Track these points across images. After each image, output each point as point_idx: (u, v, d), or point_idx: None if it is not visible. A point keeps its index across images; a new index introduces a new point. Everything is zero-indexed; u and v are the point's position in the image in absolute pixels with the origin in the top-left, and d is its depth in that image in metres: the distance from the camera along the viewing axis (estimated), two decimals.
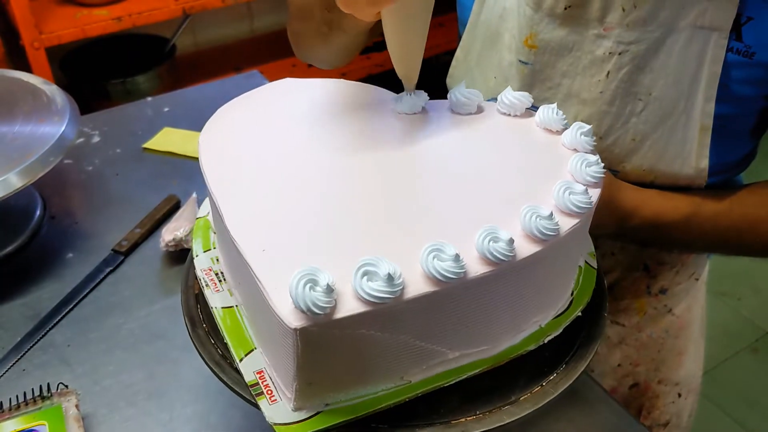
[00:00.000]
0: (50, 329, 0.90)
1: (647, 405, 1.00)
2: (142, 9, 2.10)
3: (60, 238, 1.05)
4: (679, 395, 1.02)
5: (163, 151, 1.23)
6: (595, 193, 0.63)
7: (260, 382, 0.62)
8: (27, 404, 0.75)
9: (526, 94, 0.72)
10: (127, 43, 2.37)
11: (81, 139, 1.24)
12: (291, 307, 0.53)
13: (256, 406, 0.60)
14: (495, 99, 0.85)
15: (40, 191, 1.11)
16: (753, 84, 0.75)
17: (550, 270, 0.63)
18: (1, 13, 2.09)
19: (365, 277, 0.54)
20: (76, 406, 0.75)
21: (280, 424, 0.58)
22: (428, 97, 0.75)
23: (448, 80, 0.95)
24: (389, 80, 0.80)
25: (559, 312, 0.67)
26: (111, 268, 0.99)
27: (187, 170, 1.18)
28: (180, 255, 0.99)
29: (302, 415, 0.59)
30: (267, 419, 0.58)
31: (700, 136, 0.77)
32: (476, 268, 0.56)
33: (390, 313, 0.55)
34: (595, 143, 0.68)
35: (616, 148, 0.80)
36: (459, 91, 0.74)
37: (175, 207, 1.09)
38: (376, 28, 0.81)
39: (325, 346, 0.56)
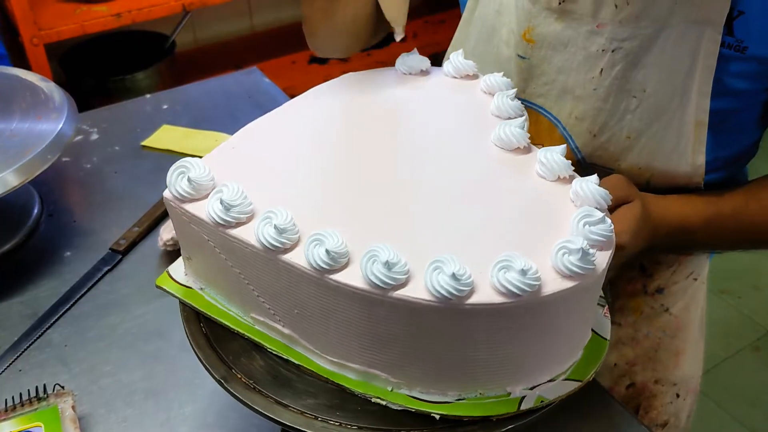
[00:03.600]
0: (48, 328, 0.90)
1: (644, 405, 0.99)
2: (142, 5, 2.10)
3: (58, 236, 1.04)
4: (678, 395, 1.01)
5: (161, 149, 1.22)
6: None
7: None
8: (23, 405, 0.75)
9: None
10: (127, 39, 2.36)
11: (80, 137, 1.24)
12: None
13: (243, 403, 0.62)
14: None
15: (38, 189, 1.11)
16: (748, 78, 0.75)
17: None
18: (0, 9, 2.08)
19: (216, 197, 0.60)
20: (73, 407, 0.75)
21: (169, 274, 0.72)
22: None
23: None
24: None
25: (447, 400, 0.60)
26: (109, 267, 0.99)
27: None
28: (178, 254, 0.98)
29: (184, 280, 0.71)
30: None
31: (696, 132, 0.77)
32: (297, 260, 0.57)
33: (223, 241, 0.61)
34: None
35: (610, 145, 0.80)
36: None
37: None
38: (380, 24, 0.82)
39: (183, 229, 0.65)
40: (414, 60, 0.81)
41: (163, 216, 1.06)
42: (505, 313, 0.55)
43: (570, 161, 0.65)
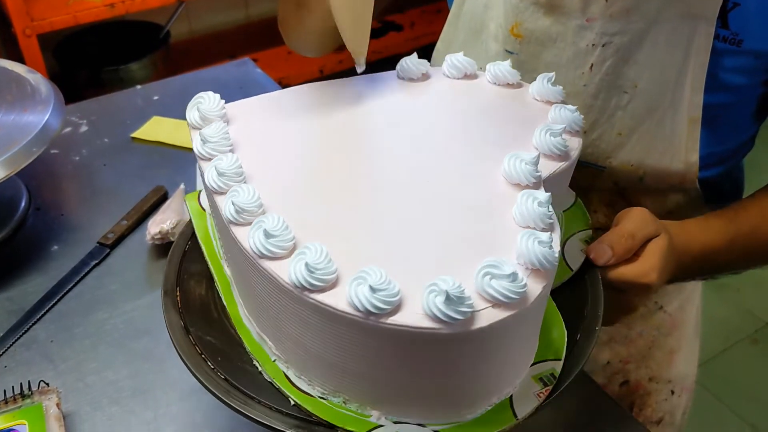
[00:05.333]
0: (33, 324, 0.89)
1: (638, 402, 0.98)
2: None
3: (46, 230, 1.03)
4: (672, 392, 1.00)
5: (151, 141, 1.21)
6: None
7: None
8: (7, 403, 0.74)
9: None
10: (121, 30, 2.34)
11: (68, 129, 1.22)
12: None
13: (236, 410, 0.60)
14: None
15: (25, 182, 1.09)
16: (743, 72, 0.73)
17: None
18: None
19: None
20: (57, 404, 0.74)
21: (198, 194, 0.76)
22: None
23: None
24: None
25: (311, 392, 0.58)
26: (96, 261, 0.97)
27: (175, 160, 1.16)
28: (166, 248, 0.97)
29: (205, 204, 0.74)
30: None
31: (689, 129, 0.75)
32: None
33: (201, 171, 0.65)
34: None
35: (601, 142, 0.78)
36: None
37: (163, 198, 1.07)
38: None
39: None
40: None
41: (152, 209, 1.05)
42: (352, 325, 0.51)
43: (551, 212, 0.58)
